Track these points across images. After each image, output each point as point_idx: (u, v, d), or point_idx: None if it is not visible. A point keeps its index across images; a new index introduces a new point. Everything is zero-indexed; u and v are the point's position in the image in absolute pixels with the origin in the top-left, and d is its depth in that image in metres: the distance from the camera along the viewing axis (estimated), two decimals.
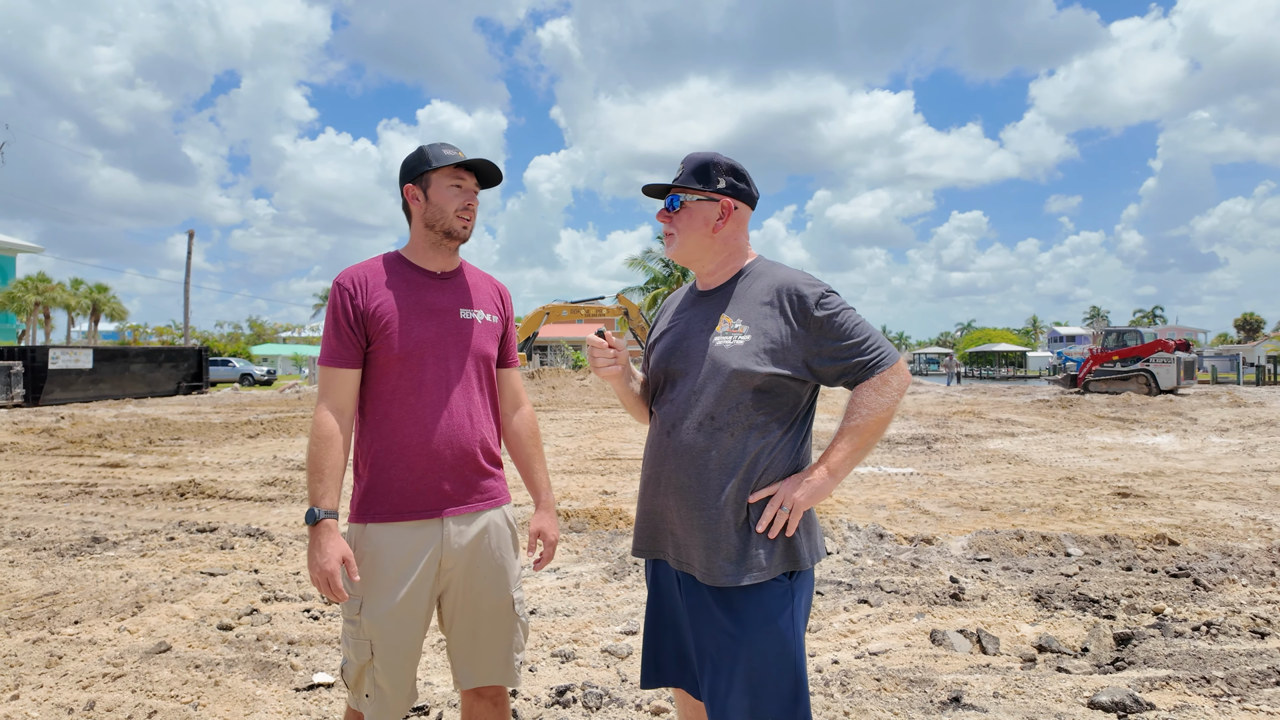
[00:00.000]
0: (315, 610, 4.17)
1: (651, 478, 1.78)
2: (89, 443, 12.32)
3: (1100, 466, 9.33)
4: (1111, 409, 18.07)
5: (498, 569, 1.96)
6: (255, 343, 64.77)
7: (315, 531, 1.79)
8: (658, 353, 1.85)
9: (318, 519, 1.79)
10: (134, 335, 57.18)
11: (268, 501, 7.45)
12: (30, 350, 22.90)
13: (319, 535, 1.78)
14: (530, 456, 2.15)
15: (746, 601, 1.64)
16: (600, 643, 3.76)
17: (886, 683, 3.23)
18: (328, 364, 1.88)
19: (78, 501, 7.46)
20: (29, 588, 4.59)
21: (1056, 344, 73.25)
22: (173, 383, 28.03)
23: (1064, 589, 4.45)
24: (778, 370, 1.65)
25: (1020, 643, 3.74)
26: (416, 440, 1.87)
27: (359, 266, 1.95)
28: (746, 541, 1.65)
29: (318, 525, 1.78)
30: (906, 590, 4.49)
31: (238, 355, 50.96)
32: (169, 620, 4.00)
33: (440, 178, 1.93)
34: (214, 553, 5.48)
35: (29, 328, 37.81)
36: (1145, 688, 3.14)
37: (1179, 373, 24.31)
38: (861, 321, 1.68)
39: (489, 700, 2.01)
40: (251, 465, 9.84)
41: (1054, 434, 13.11)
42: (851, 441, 1.65)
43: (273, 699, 3.10)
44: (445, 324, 1.94)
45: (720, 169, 1.76)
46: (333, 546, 1.78)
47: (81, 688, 3.18)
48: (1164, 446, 11.33)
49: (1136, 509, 6.71)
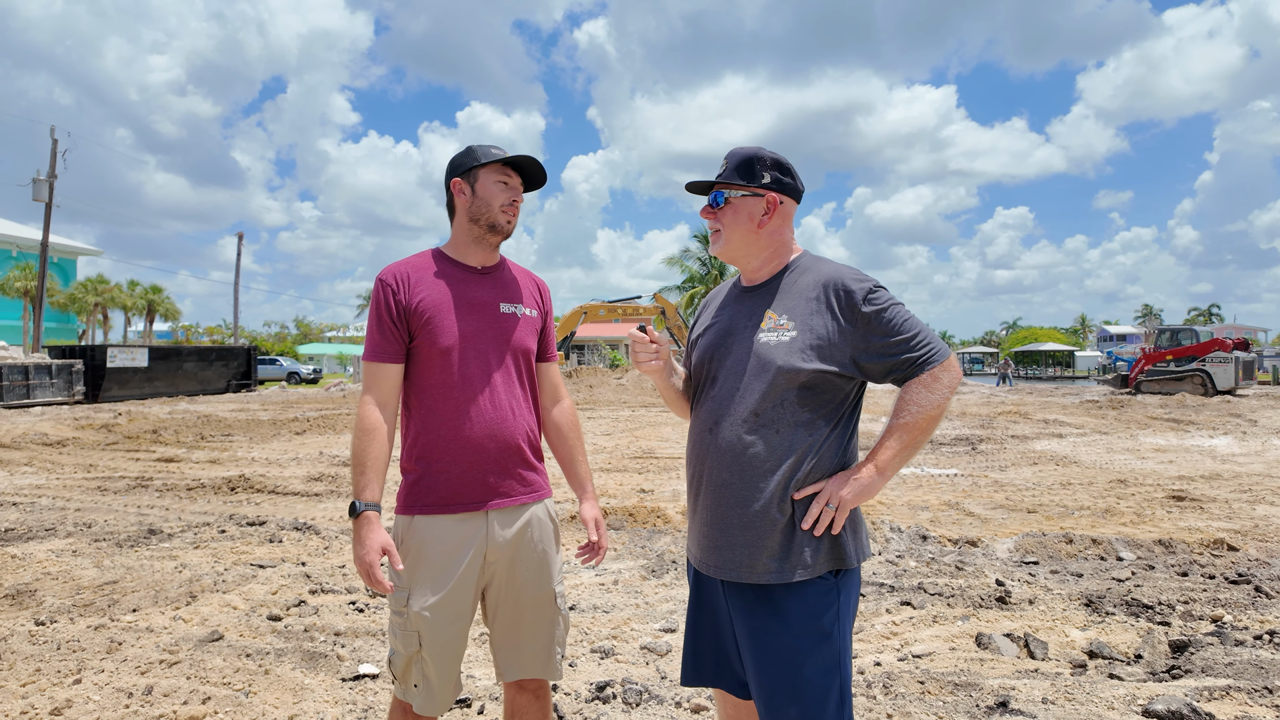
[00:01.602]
0: (360, 603, 4.26)
1: (694, 475, 1.77)
2: (145, 438, 12.76)
3: (1153, 469, 9.04)
4: (1165, 410, 17.48)
5: (540, 562, 1.98)
6: (301, 342, 66.35)
7: (358, 523, 1.83)
8: (700, 349, 1.84)
9: (359, 511, 1.83)
10: (186, 335, 58.99)
11: (314, 497, 7.62)
12: (90, 349, 23.82)
13: (361, 527, 1.82)
14: (572, 449, 2.17)
15: (790, 599, 1.62)
16: (639, 639, 3.77)
17: (931, 685, 3.17)
18: (371, 359, 1.92)
19: (135, 494, 7.73)
20: (90, 576, 4.77)
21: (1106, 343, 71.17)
22: (223, 381, 28.87)
23: (1116, 594, 4.33)
24: (824, 367, 1.63)
25: (1070, 648, 3.64)
26: (461, 434, 1.89)
27: (401, 263, 1.98)
28: (791, 539, 1.63)
29: (360, 517, 1.83)
30: (950, 593, 4.41)
31: (284, 354, 52.25)
32: (221, 610, 4.13)
33: (487, 174, 1.96)
34: (263, 545, 5.63)
35: (88, 327, 39.29)
36: (1203, 697, 3.03)
37: (1237, 373, 23.40)
38: (911, 317, 1.65)
39: (531, 693, 2.03)
40: (298, 461, 10.09)
41: (1104, 435, 12.73)
42: (900, 439, 1.62)
43: (320, 688, 3.17)
44: (486, 318, 1.97)
45: (765, 164, 1.74)
46: (373, 538, 1.82)
47: (140, 673, 3.29)
48: (1221, 449, 10.92)
49: (1192, 513, 6.48)
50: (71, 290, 37.14)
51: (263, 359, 39.39)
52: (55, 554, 5.35)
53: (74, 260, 41.71)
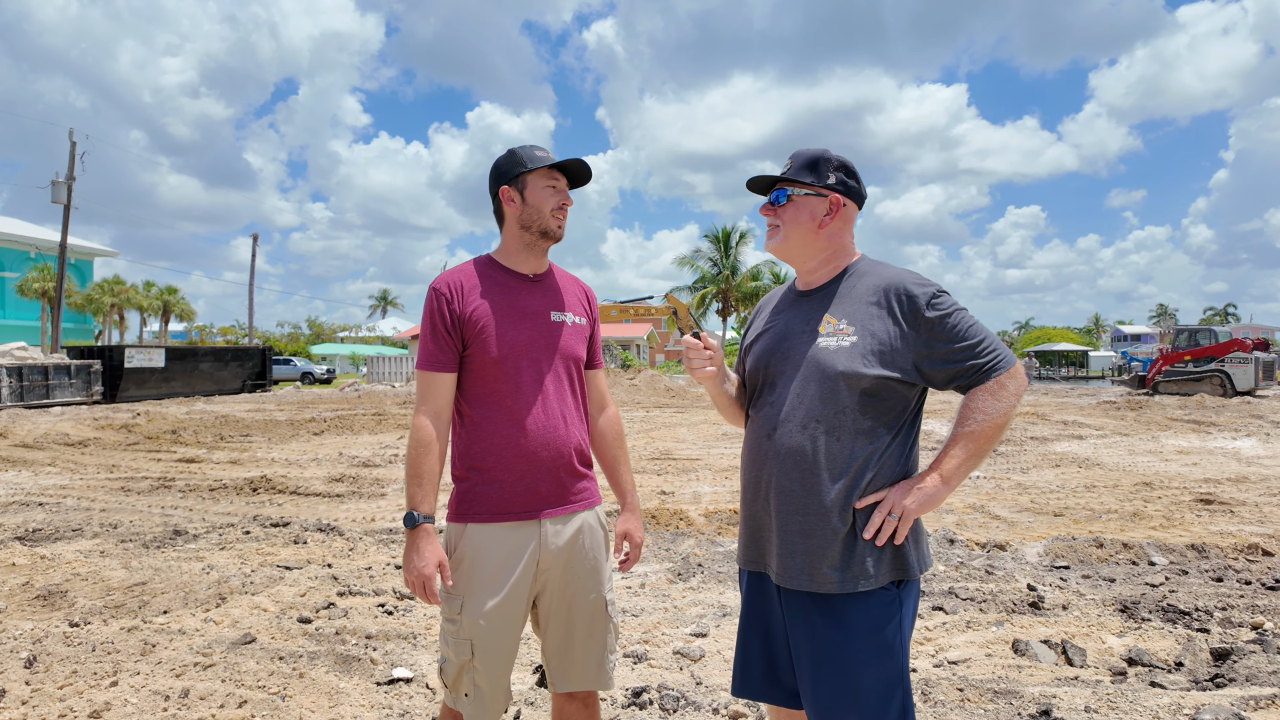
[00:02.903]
0: (389, 606, 4.26)
1: (751, 481, 1.75)
2: (165, 438, 12.85)
3: (1178, 471, 8.93)
4: (1185, 411, 17.29)
5: (592, 569, 1.96)
6: (314, 342, 66.66)
7: (414, 535, 1.81)
8: (756, 354, 1.81)
9: (417, 523, 1.81)
10: (200, 335, 59.45)
11: (336, 498, 7.65)
12: (108, 350, 24.04)
13: (417, 539, 1.81)
14: (616, 458, 2.15)
15: (853, 610, 1.60)
16: (671, 644, 3.75)
17: (970, 693, 3.14)
18: (426, 368, 1.90)
19: (158, 495, 7.78)
20: (119, 577, 4.80)
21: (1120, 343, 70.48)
22: (238, 381, 29.06)
23: (1150, 599, 4.27)
24: (886, 373, 1.60)
25: (1108, 655, 3.59)
26: (515, 442, 1.88)
27: (453, 271, 1.97)
28: (853, 548, 1.60)
29: (416, 529, 1.81)
30: (982, 598, 4.36)
31: (298, 354, 52.53)
32: (251, 612, 4.13)
33: (535, 179, 1.94)
34: (288, 547, 5.64)
35: (104, 328, 39.64)
36: (1250, 707, 2.97)
37: (1257, 373, 23.11)
38: (975, 323, 1.62)
39: (580, 702, 2.02)
40: (318, 462, 10.13)
41: (1124, 437, 12.61)
42: (966, 448, 1.59)
43: (356, 692, 3.17)
44: (538, 327, 1.96)
45: (831, 164, 1.72)
46: (431, 551, 1.81)
47: (175, 676, 3.30)
48: (1245, 451, 10.79)
49: (1223, 517, 6.40)
50: (88, 291, 37.48)
51: (276, 359, 39.61)
52: (83, 554, 5.38)
53: (90, 261, 42.08)
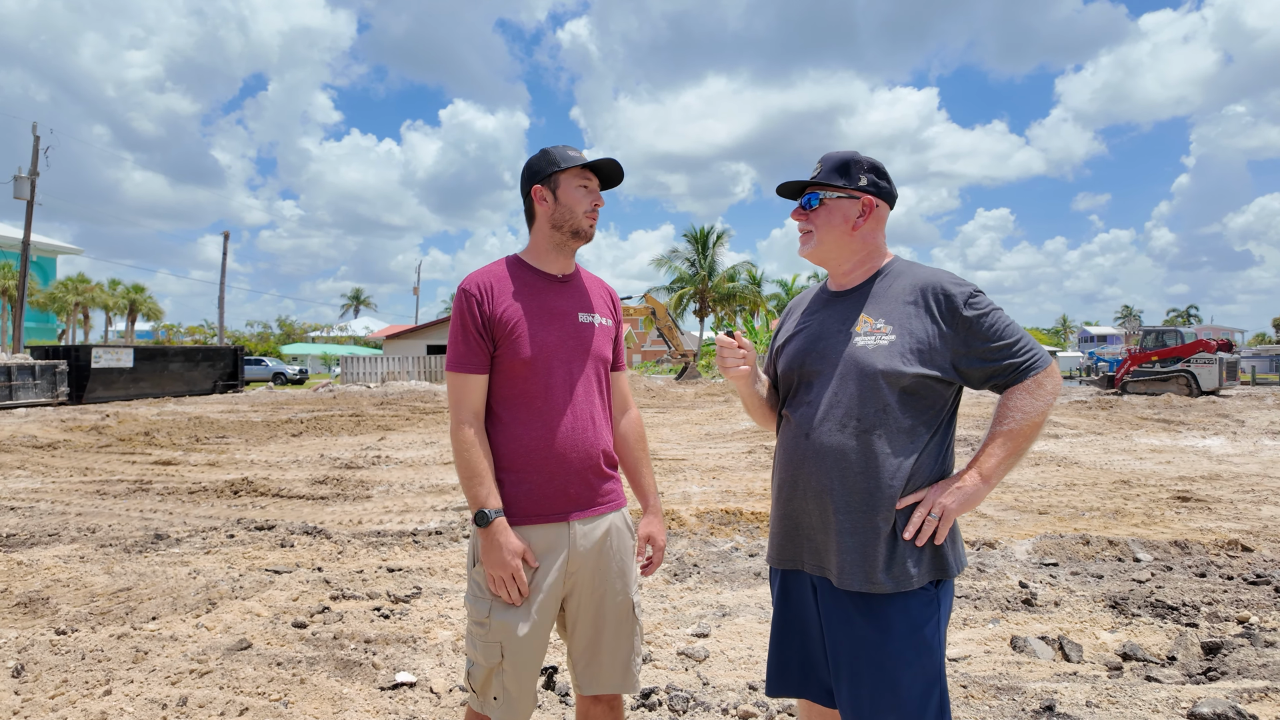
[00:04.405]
0: (385, 609, 4.20)
1: (787, 481, 1.74)
2: (138, 440, 12.56)
3: (1153, 469, 9.14)
4: (1154, 410, 17.70)
5: (620, 571, 1.95)
6: (285, 342, 65.63)
7: (490, 531, 1.80)
8: (790, 354, 1.81)
9: (491, 519, 1.80)
10: (168, 335, 58.22)
11: (320, 500, 7.53)
12: (74, 350, 23.44)
13: (498, 534, 1.80)
14: (638, 460, 2.14)
15: (892, 610, 1.60)
16: (673, 645, 3.74)
17: (974, 690, 3.17)
18: (458, 369, 1.88)
19: (135, 499, 7.60)
20: (102, 583, 4.68)
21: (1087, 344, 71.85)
22: (209, 381, 28.51)
23: (1139, 595, 4.36)
24: (925, 371, 1.61)
25: (1103, 650, 3.66)
26: (545, 444, 1.86)
27: (483, 271, 1.95)
28: (894, 548, 1.61)
29: (493, 525, 1.80)
30: (976, 595, 4.42)
31: (268, 354, 51.68)
32: (244, 617, 4.05)
33: (568, 179, 1.93)
34: (275, 550, 5.54)
35: (68, 327, 38.68)
36: (1244, 699, 3.05)
37: (1221, 374, 23.72)
38: (1012, 323, 1.64)
39: (606, 705, 2.01)
40: (299, 464, 9.97)
41: (1099, 436, 12.86)
42: (1005, 446, 1.61)
43: (359, 698, 3.12)
44: (567, 328, 1.94)
45: (862, 166, 1.73)
46: (512, 543, 1.80)
47: (171, 684, 3.22)
48: (1215, 449, 11.07)
49: (1201, 513, 6.56)
50: (51, 289, 36.56)
51: (248, 359, 38.95)
52: (63, 560, 5.24)
53: (54, 259, 41.03)
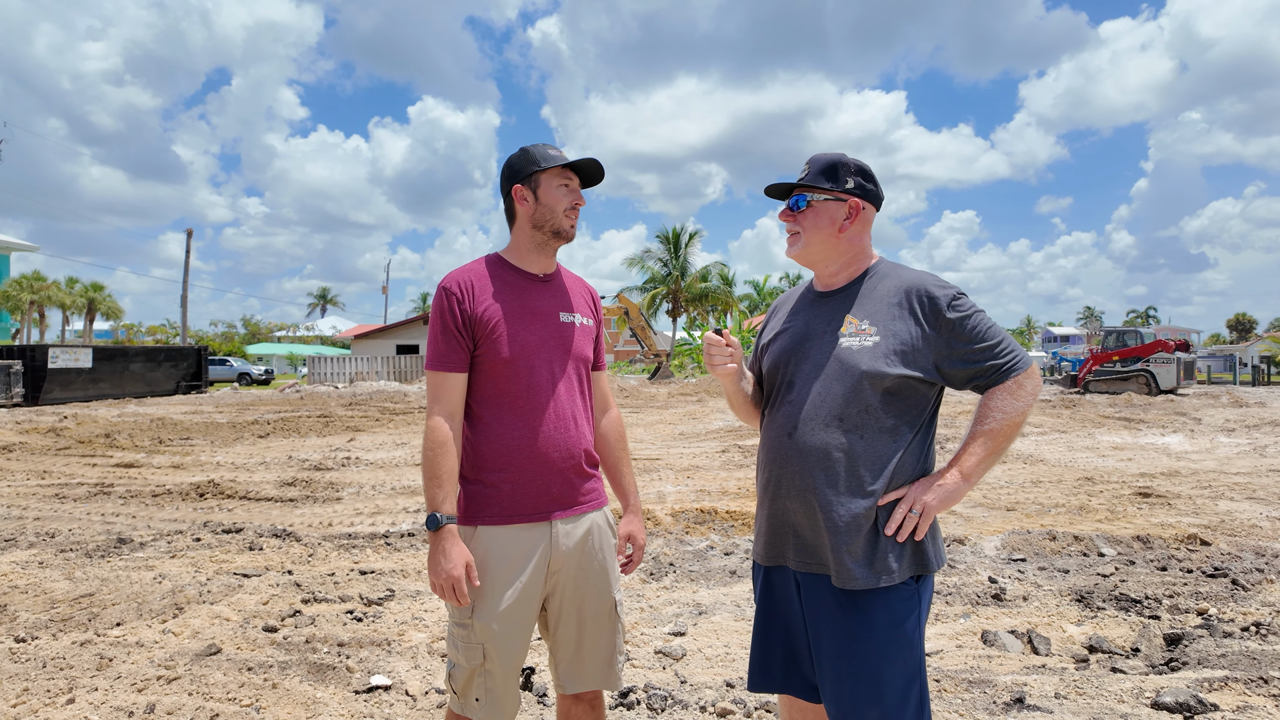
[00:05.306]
0: (358, 612, 4.15)
1: (771, 480, 1.76)
2: (98, 442, 12.24)
3: (1115, 466, 9.37)
4: (1115, 409, 18.14)
5: (602, 570, 1.95)
6: (250, 342, 64.39)
7: (438, 537, 1.78)
8: (774, 353, 1.83)
9: (441, 524, 1.78)
10: (128, 334, 56.83)
11: (289, 502, 7.41)
12: (30, 349, 22.74)
13: (443, 541, 1.77)
14: (618, 459, 2.14)
15: (874, 605, 1.63)
16: (651, 644, 3.75)
17: (946, 683, 3.23)
18: (437, 368, 1.86)
19: (97, 502, 7.41)
20: (63, 589, 4.55)
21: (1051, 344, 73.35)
22: (172, 382, 27.87)
23: (1104, 589, 4.46)
24: (908, 372, 1.64)
25: (1070, 643, 3.74)
26: (527, 444, 1.86)
27: (463, 270, 1.93)
28: (875, 545, 1.63)
29: (441, 530, 1.77)
30: (947, 590, 4.49)
31: (233, 354, 50.66)
32: (212, 622, 3.97)
33: (549, 178, 1.92)
34: (243, 554, 5.44)
35: (23, 327, 37.55)
36: (1205, 688, 3.14)
37: (1179, 373, 24.41)
38: (994, 324, 1.67)
39: (587, 703, 2.00)
40: (267, 465, 9.79)
41: (1063, 434, 13.15)
42: (985, 445, 1.64)
43: (334, 701, 3.08)
44: (548, 327, 1.94)
45: (849, 169, 1.75)
46: (457, 552, 1.77)
47: (137, 690, 3.15)
48: (1174, 446, 11.38)
49: (1161, 509, 6.74)
50: (5, 288, 35.45)
51: (213, 360, 38.13)
52: (20, 566, 5.09)
53: (7, 256, 39.77)
